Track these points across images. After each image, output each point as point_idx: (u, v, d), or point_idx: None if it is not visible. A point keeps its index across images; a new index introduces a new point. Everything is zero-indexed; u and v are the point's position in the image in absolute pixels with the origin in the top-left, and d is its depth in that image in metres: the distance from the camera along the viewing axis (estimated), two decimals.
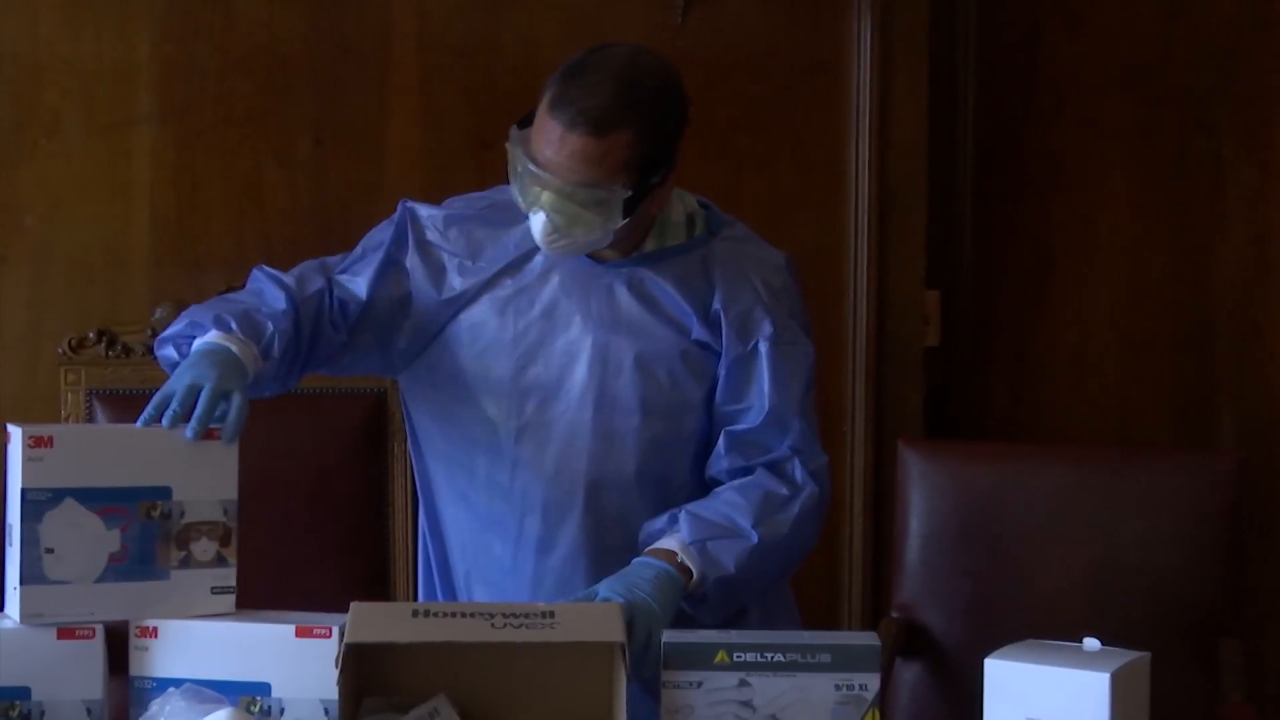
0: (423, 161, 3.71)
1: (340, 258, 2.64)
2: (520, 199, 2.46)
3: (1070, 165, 4.08)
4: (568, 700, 2.15)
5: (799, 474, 2.53)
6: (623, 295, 2.54)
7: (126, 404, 3.54)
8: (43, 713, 2.18)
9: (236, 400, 2.29)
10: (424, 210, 2.63)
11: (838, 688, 2.11)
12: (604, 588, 2.35)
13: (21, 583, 2.20)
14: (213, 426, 2.27)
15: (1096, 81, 4.07)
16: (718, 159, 3.78)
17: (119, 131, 3.67)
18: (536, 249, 2.54)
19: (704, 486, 2.57)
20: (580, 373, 2.53)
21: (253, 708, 2.18)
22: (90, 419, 3.50)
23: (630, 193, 2.41)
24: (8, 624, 2.21)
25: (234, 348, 2.38)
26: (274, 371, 2.47)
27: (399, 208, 2.65)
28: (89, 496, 2.22)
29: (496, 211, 2.60)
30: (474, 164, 2.53)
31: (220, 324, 2.42)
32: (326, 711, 2.18)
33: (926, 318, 3.98)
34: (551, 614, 2.13)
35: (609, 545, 2.55)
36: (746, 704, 2.12)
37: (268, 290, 2.54)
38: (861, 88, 3.85)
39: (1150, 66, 4.07)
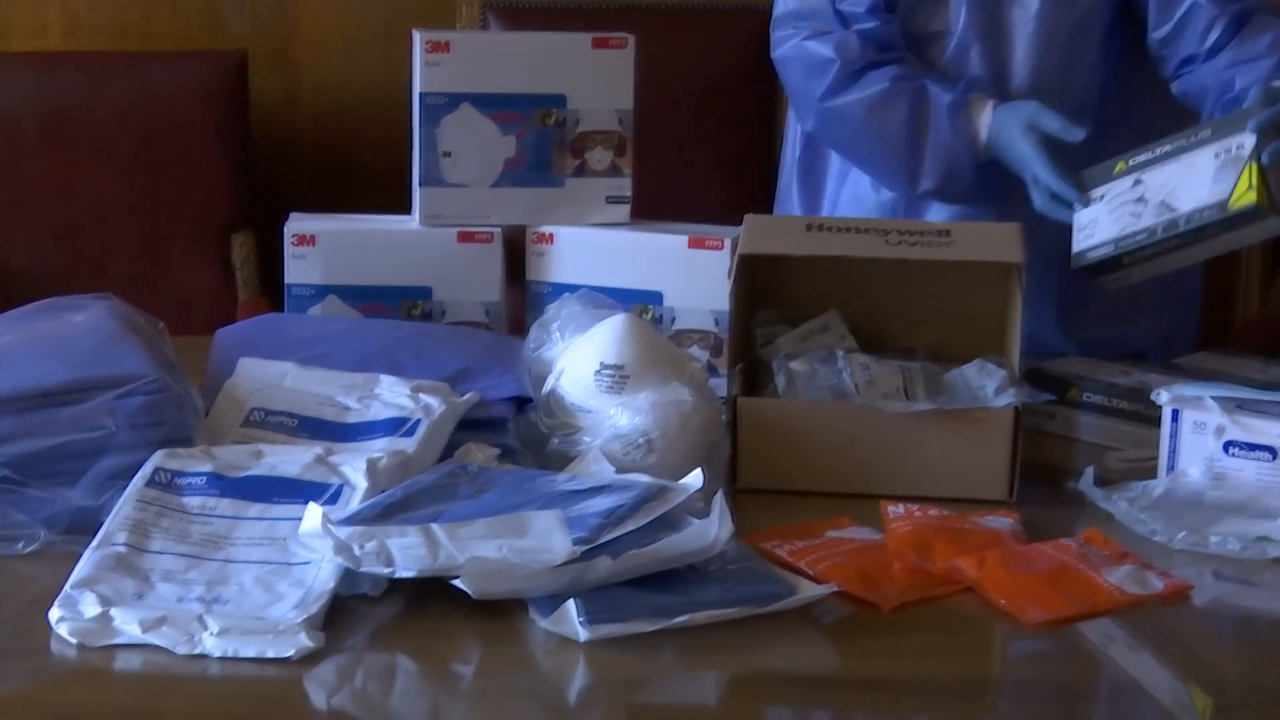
0: None
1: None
2: None
3: None
4: (961, 320, 2.11)
5: None
6: None
7: (519, 16, 3.55)
8: (444, 312, 2.25)
9: None
10: None
11: (1216, 156, 2.11)
12: None
13: (421, 184, 2.25)
14: (619, 35, 2.26)
15: None
16: None
17: None
18: None
19: (1108, 96, 2.44)
20: None
21: (645, 315, 2.20)
22: (484, 29, 3.52)
23: None
24: (411, 225, 2.27)
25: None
26: None
27: None
28: (485, 102, 2.24)
29: None
30: None
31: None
32: (717, 323, 2.20)
33: None
34: (948, 232, 2.09)
35: None
36: (1140, 200, 2.14)
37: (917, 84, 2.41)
38: None
39: None
